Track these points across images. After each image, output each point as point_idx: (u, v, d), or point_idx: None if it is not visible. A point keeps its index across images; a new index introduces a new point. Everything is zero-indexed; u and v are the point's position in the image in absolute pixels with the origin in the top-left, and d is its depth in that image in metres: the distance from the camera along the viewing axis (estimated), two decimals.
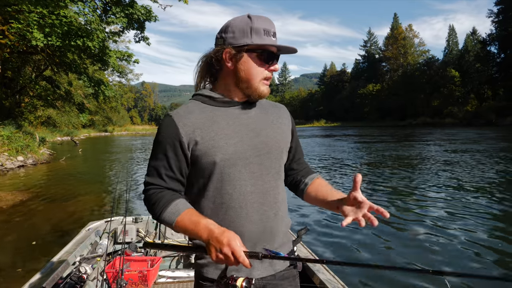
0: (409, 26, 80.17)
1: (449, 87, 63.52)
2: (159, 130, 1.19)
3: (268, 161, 1.21)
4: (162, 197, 1.14)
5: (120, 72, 22.75)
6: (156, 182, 1.17)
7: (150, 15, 17.77)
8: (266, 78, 1.19)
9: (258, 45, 1.14)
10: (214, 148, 1.14)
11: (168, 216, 1.11)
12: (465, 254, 4.44)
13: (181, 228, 1.10)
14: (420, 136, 28.86)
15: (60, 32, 14.33)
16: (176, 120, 1.16)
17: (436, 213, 6.16)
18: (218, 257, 1.01)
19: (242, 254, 1.00)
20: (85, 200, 8.27)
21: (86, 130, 52.09)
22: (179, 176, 1.18)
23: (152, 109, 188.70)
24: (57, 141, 31.79)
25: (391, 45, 79.73)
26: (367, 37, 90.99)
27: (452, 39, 74.88)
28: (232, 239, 1.00)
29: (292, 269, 1.31)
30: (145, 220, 3.75)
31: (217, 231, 1.03)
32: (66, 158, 17.46)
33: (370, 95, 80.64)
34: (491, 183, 8.52)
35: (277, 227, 1.24)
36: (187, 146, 1.15)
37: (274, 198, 1.23)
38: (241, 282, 1.04)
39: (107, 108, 57.06)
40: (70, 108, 36.18)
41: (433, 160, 13.14)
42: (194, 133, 1.15)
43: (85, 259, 3.01)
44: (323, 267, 2.60)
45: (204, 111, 1.20)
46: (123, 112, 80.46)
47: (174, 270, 3.36)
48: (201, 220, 1.07)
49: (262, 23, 1.15)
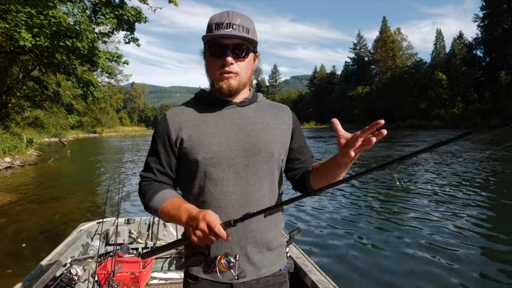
0: (397, 29, 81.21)
1: (436, 90, 64.53)
2: (155, 128, 1.27)
3: (255, 163, 1.19)
4: (151, 187, 1.20)
5: (109, 73, 22.56)
6: (147, 175, 1.24)
7: (140, 17, 17.70)
8: (223, 71, 1.15)
9: (206, 40, 1.18)
10: (198, 146, 1.17)
11: (154, 204, 1.15)
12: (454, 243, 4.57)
13: (165, 215, 1.12)
14: (406, 138, 29.26)
15: (49, 33, 14.19)
16: (168, 118, 1.23)
17: (420, 207, 6.32)
18: (196, 235, 0.99)
19: (217, 224, 0.97)
20: (75, 202, 8.21)
21: (75, 131, 51.47)
22: (168, 171, 1.24)
23: (142, 110, 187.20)
24: (44, 142, 31.38)
25: (380, 48, 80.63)
26: (357, 39, 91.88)
27: (440, 42, 76.05)
28: (207, 214, 0.99)
29: (279, 275, 1.27)
30: (137, 221, 3.73)
31: (195, 211, 1.03)
32: (54, 160, 17.27)
33: (359, 97, 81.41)
34: (469, 180, 8.76)
35: (261, 231, 1.20)
36: (175, 142, 1.20)
37: (258, 201, 1.19)
38: (219, 258, 1.07)
39: (96, 109, 56.51)
40: (58, 109, 35.73)
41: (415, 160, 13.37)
42: (182, 131, 1.19)
43: (76, 261, 3.00)
44: (315, 267, 2.59)
45: (196, 110, 1.24)
46: (112, 113, 79.70)
47: (166, 272, 3.35)
48: (182, 205, 1.09)
49: (215, 18, 1.16)
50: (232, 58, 1.14)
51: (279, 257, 1.29)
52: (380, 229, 5.61)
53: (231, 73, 1.16)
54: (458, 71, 65.03)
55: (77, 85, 18.52)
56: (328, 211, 6.72)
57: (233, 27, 1.12)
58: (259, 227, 1.20)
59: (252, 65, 1.24)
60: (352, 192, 8.36)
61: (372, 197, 7.69)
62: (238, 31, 1.13)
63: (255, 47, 1.22)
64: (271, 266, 1.25)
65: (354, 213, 6.60)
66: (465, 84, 62.89)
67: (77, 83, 18.40)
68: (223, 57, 1.14)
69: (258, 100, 1.31)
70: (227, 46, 1.14)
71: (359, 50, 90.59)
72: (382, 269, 4.08)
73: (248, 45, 1.17)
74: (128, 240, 3.59)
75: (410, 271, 3.99)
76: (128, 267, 3.15)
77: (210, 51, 1.16)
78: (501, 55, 56.63)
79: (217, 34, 1.12)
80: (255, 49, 1.23)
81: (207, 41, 1.17)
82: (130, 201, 7.80)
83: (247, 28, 1.15)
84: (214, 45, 1.15)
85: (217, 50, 1.14)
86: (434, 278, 3.82)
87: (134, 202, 7.66)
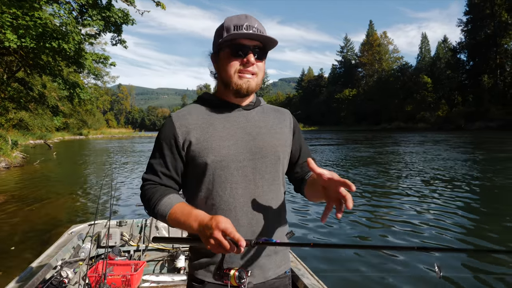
0: (383, 33, 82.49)
1: (421, 93, 65.72)
2: (160, 130, 1.24)
3: (262, 166, 1.20)
4: (156, 191, 1.16)
5: (96, 75, 22.36)
6: (151, 178, 1.20)
7: (127, 19, 17.58)
8: (241, 70, 1.16)
9: (225, 40, 1.15)
10: (207, 149, 1.16)
11: (161, 209, 1.12)
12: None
13: (174, 221, 1.10)
14: (392, 140, 29.69)
15: (35, 34, 14.03)
16: (174, 121, 1.20)
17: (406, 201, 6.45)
18: (211, 244, 0.97)
19: (234, 230, 0.95)
20: (64, 204, 8.09)
21: (60, 133, 50.66)
22: (174, 174, 1.21)
23: (129, 112, 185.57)
24: (29, 145, 30.79)
25: (366, 51, 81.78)
26: (344, 43, 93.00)
27: (425, 46, 77.47)
28: (220, 221, 0.96)
29: (284, 277, 1.29)
30: (129, 223, 3.68)
31: (206, 219, 1.00)
32: (40, 162, 17.02)
33: (346, 100, 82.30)
34: (448, 177, 8.99)
35: (268, 232, 1.22)
36: (182, 146, 1.18)
37: (266, 203, 1.21)
38: (234, 272, 1.05)
39: (82, 111, 55.76)
40: (44, 111, 35.17)
41: (399, 160, 13.62)
42: (189, 134, 1.18)
43: (66, 263, 2.96)
44: (307, 271, 2.58)
45: (202, 114, 1.23)
46: (98, 115, 78.69)
47: (158, 275, 3.30)
48: (192, 211, 1.06)
49: (233, 20, 1.17)
50: (254, 59, 1.16)
51: (284, 259, 1.30)
52: (373, 232, 5.62)
53: (252, 74, 1.18)
54: (442, 74, 66.45)
55: (63, 86, 18.28)
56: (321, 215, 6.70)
57: (253, 30, 1.15)
58: (268, 230, 1.21)
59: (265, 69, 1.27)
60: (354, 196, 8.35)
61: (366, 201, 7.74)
62: (258, 33, 1.15)
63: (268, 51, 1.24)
64: (277, 269, 1.26)
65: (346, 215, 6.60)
66: (449, 87, 64.28)
67: (64, 85, 18.17)
68: (244, 57, 1.15)
69: (261, 104, 1.33)
70: (249, 46, 1.15)
71: (346, 53, 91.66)
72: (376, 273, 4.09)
73: (266, 48, 1.20)
74: (120, 243, 3.54)
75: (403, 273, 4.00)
76: (119, 269, 3.10)
77: (231, 50, 1.16)
78: (484, 59, 58.04)
79: (244, 33, 1.13)
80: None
81: (227, 40, 1.16)
82: (122, 203, 7.73)
83: (263, 32, 1.18)
84: (236, 45, 1.15)
85: (239, 50, 1.15)
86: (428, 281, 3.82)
87: (126, 205, 7.60)
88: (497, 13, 55.73)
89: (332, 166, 13.82)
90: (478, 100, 55.82)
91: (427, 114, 62.61)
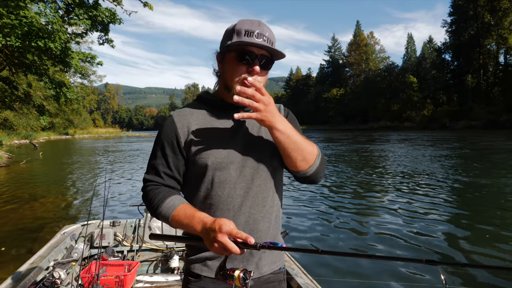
0: (370, 33, 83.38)
1: (407, 93, 66.68)
2: (160, 129, 1.23)
3: (260, 165, 1.22)
4: (159, 192, 1.16)
5: (82, 74, 22.11)
6: (153, 179, 1.20)
7: (114, 18, 17.44)
8: (245, 78, 1.14)
9: (234, 44, 1.14)
10: (208, 150, 1.17)
11: (164, 211, 1.12)
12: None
13: (177, 223, 1.11)
14: (378, 138, 30.08)
15: (20, 33, 13.84)
16: (176, 120, 1.20)
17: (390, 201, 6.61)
18: (215, 247, 0.98)
19: (239, 232, 0.97)
20: (55, 204, 7.99)
21: (46, 133, 49.83)
22: (176, 174, 1.21)
23: (116, 112, 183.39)
24: (14, 144, 30.29)
25: (354, 51, 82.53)
26: (332, 42, 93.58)
27: (411, 46, 78.52)
28: (223, 224, 0.97)
29: (279, 273, 1.31)
30: (123, 224, 3.65)
31: (209, 222, 1.01)
32: (26, 162, 16.80)
33: (334, 99, 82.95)
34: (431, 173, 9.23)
35: (265, 231, 1.23)
36: (184, 146, 1.19)
37: (263, 202, 1.23)
38: (238, 273, 1.04)
39: (68, 110, 54.91)
40: (29, 110, 34.60)
41: (385, 158, 13.87)
42: (191, 134, 1.18)
43: (59, 264, 2.93)
44: (301, 271, 2.57)
45: (203, 114, 1.23)
46: (85, 115, 77.54)
47: (152, 275, 3.29)
48: (195, 214, 1.07)
49: (245, 24, 1.16)
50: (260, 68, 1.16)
51: (279, 256, 1.33)
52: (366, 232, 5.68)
53: None
54: (428, 74, 67.56)
55: (49, 85, 18.06)
56: (315, 214, 6.74)
57: (263, 38, 1.14)
58: (265, 226, 1.23)
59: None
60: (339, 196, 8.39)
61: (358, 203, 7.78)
62: (267, 44, 1.15)
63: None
64: (272, 264, 1.29)
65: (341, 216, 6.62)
66: (434, 87, 65.43)
67: (50, 84, 17.95)
68: (250, 65, 1.15)
69: None
70: (256, 55, 1.15)
71: (334, 53, 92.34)
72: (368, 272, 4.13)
73: (273, 58, 1.20)
74: (113, 243, 3.51)
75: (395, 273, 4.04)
76: (113, 270, 3.09)
77: (238, 55, 1.15)
78: (467, 59, 59.22)
79: (254, 42, 1.12)
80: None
81: (236, 45, 1.15)
82: (116, 204, 7.67)
83: (273, 41, 1.18)
84: (244, 51, 1.14)
85: (246, 56, 1.14)
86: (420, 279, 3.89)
87: (119, 205, 7.55)
88: (480, 14, 56.91)
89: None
90: (462, 99, 56.98)
91: (413, 114, 63.64)
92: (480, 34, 56.70)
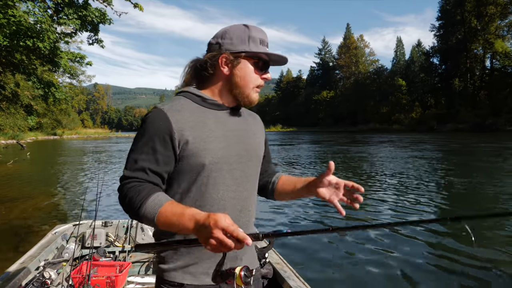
0: (360, 36, 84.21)
1: (396, 95, 67.55)
2: (147, 122, 1.11)
3: (248, 169, 1.23)
4: (143, 189, 1.03)
5: (71, 74, 21.87)
6: (137, 175, 1.07)
7: (104, 18, 17.32)
8: (259, 86, 1.21)
9: (255, 53, 1.17)
10: (205, 150, 1.12)
11: (149, 208, 1.00)
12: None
13: (164, 222, 0.99)
14: (367, 140, 30.42)
15: (8, 32, 13.67)
16: (169, 115, 1.10)
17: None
18: (212, 244, 0.90)
19: (236, 228, 0.89)
20: (45, 204, 7.90)
21: (33, 133, 49.12)
22: (163, 172, 1.10)
23: (105, 112, 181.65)
24: (1, 145, 29.87)
25: (344, 53, 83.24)
26: (322, 45, 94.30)
27: (400, 50, 79.60)
28: (219, 219, 0.89)
29: (258, 270, 1.32)
30: (115, 224, 3.63)
31: (202, 218, 0.93)
32: (14, 162, 16.57)
33: (324, 102, 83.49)
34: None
35: (250, 230, 1.23)
36: (178, 143, 1.10)
37: (250, 206, 1.25)
38: (239, 271, 0.98)
39: (57, 110, 54.21)
40: (16, 110, 34.09)
41: (372, 158, 14.07)
42: (186, 132, 1.10)
43: (50, 264, 2.92)
44: (293, 273, 2.55)
45: (195, 111, 1.17)
46: (73, 115, 76.52)
47: (143, 276, 3.27)
48: (185, 210, 0.98)
49: (258, 33, 1.19)
50: None
51: (255, 253, 1.36)
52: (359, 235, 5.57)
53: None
54: (416, 77, 68.54)
55: (37, 85, 17.85)
56: (307, 217, 6.73)
57: (268, 47, 1.22)
58: (249, 230, 1.20)
59: None
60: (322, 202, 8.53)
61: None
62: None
63: None
64: (255, 260, 1.32)
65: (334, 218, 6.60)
66: (422, 90, 66.42)
67: (38, 84, 17.74)
68: (264, 73, 1.22)
69: (241, 108, 1.32)
70: (269, 64, 1.23)
71: (324, 56, 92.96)
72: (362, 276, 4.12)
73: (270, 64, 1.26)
74: (105, 243, 3.50)
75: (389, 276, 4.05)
76: (104, 271, 3.08)
77: (257, 64, 1.19)
78: (455, 63, 60.23)
79: (281, 56, 1.21)
80: None
81: (257, 53, 1.18)
82: (108, 204, 7.58)
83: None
84: (263, 60, 1.20)
85: (263, 66, 1.20)
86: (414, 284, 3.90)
87: (112, 205, 7.47)
88: (467, 19, 57.98)
89: (303, 165, 14.08)
90: (449, 102, 57.91)
91: (401, 116, 64.47)
92: (467, 38, 57.73)
